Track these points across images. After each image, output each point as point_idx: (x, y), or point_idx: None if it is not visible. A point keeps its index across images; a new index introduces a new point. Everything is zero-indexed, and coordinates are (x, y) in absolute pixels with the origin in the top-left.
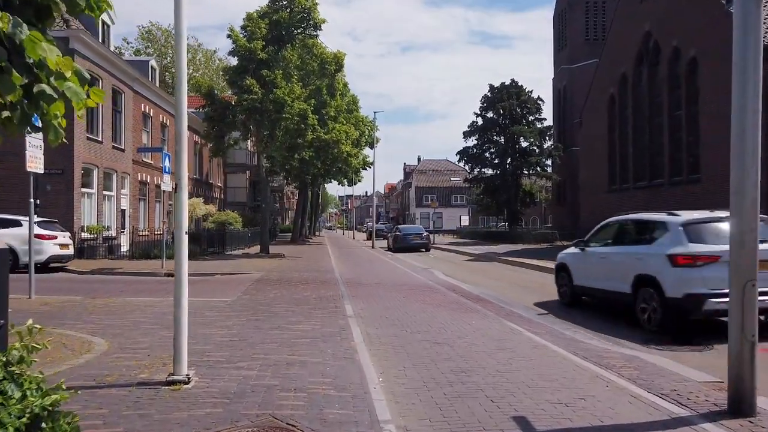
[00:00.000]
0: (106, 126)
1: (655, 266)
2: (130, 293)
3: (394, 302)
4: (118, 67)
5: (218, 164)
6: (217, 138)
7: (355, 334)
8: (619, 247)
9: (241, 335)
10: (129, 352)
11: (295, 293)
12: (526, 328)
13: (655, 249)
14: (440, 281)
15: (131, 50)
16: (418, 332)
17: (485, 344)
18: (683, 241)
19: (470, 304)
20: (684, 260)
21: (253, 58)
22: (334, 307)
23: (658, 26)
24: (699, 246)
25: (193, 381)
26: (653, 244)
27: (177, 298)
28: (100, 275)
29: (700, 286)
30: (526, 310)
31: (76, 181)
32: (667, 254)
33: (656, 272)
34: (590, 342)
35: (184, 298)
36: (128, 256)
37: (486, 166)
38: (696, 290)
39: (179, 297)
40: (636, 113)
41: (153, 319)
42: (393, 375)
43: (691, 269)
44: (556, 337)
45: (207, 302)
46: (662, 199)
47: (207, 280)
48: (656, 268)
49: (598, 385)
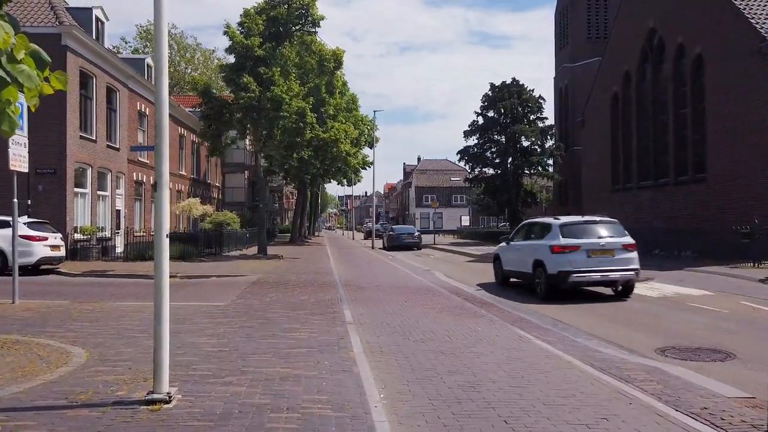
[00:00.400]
0: (100, 124)
1: (543, 253)
2: (120, 297)
3: (396, 307)
4: (112, 64)
5: (216, 164)
6: (214, 137)
7: (355, 343)
8: (526, 242)
9: (231, 345)
10: (109, 365)
11: (291, 297)
12: (535, 336)
13: (544, 242)
14: (442, 283)
15: (129, 49)
16: (421, 340)
17: (494, 354)
18: (559, 237)
19: (475, 309)
20: (558, 249)
21: (251, 55)
22: (332, 313)
23: (662, 23)
24: (568, 240)
25: (174, 400)
26: (543, 239)
27: (157, 309)
28: (91, 278)
29: (567, 266)
30: (535, 316)
31: (68, 180)
32: (549, 245)
33: (543, 257)
34: (605, 351)
35: (165, 308)
36: (123, 258)
37: (487, 166)
38: (565, 269)
39: (159, 308)
40: (640, 112)
41: (140, 326)
42: (396, 391)
43: (562, 255)
44: (568, 346)
45: (199, 307)
46: (667, 198)
47: (201, 283)
48: (543, 255)
49: (621, 402)
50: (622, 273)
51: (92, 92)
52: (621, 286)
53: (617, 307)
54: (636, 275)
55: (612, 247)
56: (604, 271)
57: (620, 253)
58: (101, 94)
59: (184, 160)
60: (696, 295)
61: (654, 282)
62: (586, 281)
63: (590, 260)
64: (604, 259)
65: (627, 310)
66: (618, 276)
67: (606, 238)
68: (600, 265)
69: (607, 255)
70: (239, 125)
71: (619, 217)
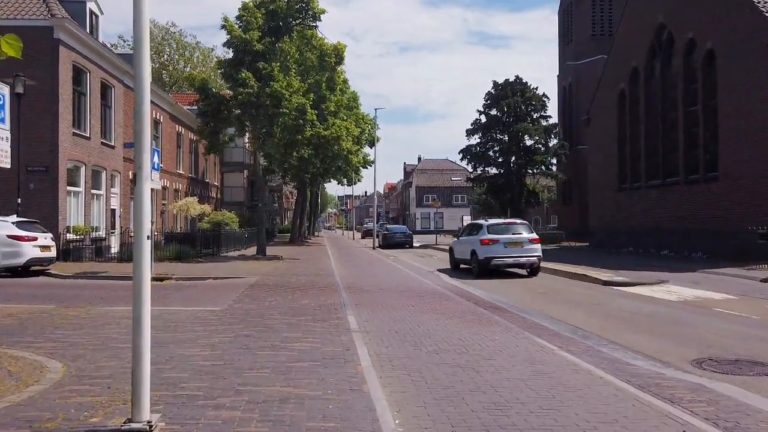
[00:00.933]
0: (94, 121)
1: (476, 245)
2: (110, 301)
3: (403, 312)
4: (107, 59)
5: (215, 163)
6: (212, 134)
7: (362, 356)
8: (467, 237)
9: (226, 357)
10: (86, 383)
11: (292, 301)
12: (558, 346)
13: (477, 237)
14: (448, 286)
15: (128, 47)
16: (435, 352)
17: (517, 368)
18: (486, 233)
19: (488, 315)
20: (485, 242)
21: (249, 49)
22: (335, 319)
23: (671, 18)
24: (492, 235)
25: (156, 429)
26: (477, 235)
27: (136, 321)
28: (83, 279)
29: (491, 253)
30: (553, 322)
31: (61, 178)
32: (480, 239)
33: (476, 248)
34: (637, 363)
35: (145, 320)
36: (117, 259)
37: (489, 165)
38: (489, 255)
39: (139, 319)
40: (648, 109)
41: (126, 335)
42: (412, 414)
43: (487, 246)
44: (595, 357)
45: (193, 313)
46: (676, 197)
47: (197, 285)
48: (476, 246)
49: (673, 429)
50: (527, 258)
51: (86, 88)
52: (529, 268)
53: (637, 313)
54: (538, 260)
55: (521, 240)
56: (515, 257)
57: (528, 244)
58: (96, 90)
59: (181, 158)
60: (718, 299)
61: (670, 285)
62: (504, 264)
63: (506, 249)
64: (516, 249)
65: (649, 316)
66: (525, 260)
67: (518, 234)
68: (513, 253)
69: (518, 246)
70: (237, 122)
71: (625, 217)
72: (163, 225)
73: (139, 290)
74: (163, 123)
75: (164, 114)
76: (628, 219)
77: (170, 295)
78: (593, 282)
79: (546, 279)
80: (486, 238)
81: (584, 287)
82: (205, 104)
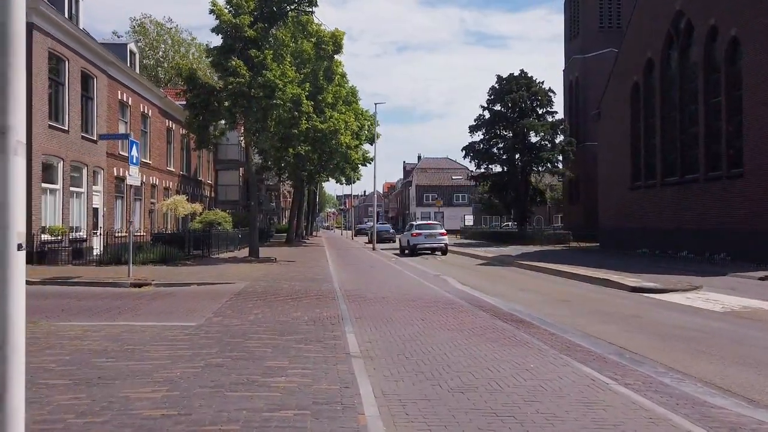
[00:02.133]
0: (74, 113)
1: (409, 237)
2: (71, 313)
3: (412, 328)
4: (88, 47)
5: (208, 160)
6: (201, 128)
7: (365, 396)
8: (407, 232)
9: (184, 403)
10: None
11: (281, 314)
12: (611, 378)
13: (410, 232)
14: (459, 293)
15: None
16: (459, 389)
17: (572, 415)
18: (414, 229)
19: (512, 330)
20: (414, 235)
21: (240, 36)
22: (332, 339)
23: (690, 4)
24: (418, 230)
25: None
26: (410, 231)
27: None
28: (52, 286)
29: (417, 242)
30: (589, 340)
31: (34, 175)
32: (411, 233)
33: (409, 239)
34: (719, 403)
35: (18, 378)
36: (97, 262)
37: (493, 162)
38: (416, 243)
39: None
40: (664, 102)
41: (68, 364)
42: None
43: (415, 237)
44: (663, 395)
45: (161, 331)
46: (695, 196)
47: (176, 293)
48: (409, 238)
49: None
50: (438, 245)
51: (64, 77)
52: (440, 251)
53: (682, 327)
54: (445, 247)
55: (435, 233)
56: (431, 244)
57: (439, 236)
58: (75, 80)
59: (172, 154)
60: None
61: (705, 291)
62: (424, 248)
63: (426, 240)
64: (431, 239)
65: (700, 332)
66: (436, 246)
67: (433, 229)
68: (430, 242)
69: (433, 237)
70: (228, 114)
71: (639, 216)
72: (151, 225)
73: (9, 327)
74: (152, 117)
75: (153, 108)
76: (642, 218)
77: (142, 306)
78: (619, 288)
79: (565, 284)
80: (415, 232)
81: (610, 294)
82: (193, 95)
